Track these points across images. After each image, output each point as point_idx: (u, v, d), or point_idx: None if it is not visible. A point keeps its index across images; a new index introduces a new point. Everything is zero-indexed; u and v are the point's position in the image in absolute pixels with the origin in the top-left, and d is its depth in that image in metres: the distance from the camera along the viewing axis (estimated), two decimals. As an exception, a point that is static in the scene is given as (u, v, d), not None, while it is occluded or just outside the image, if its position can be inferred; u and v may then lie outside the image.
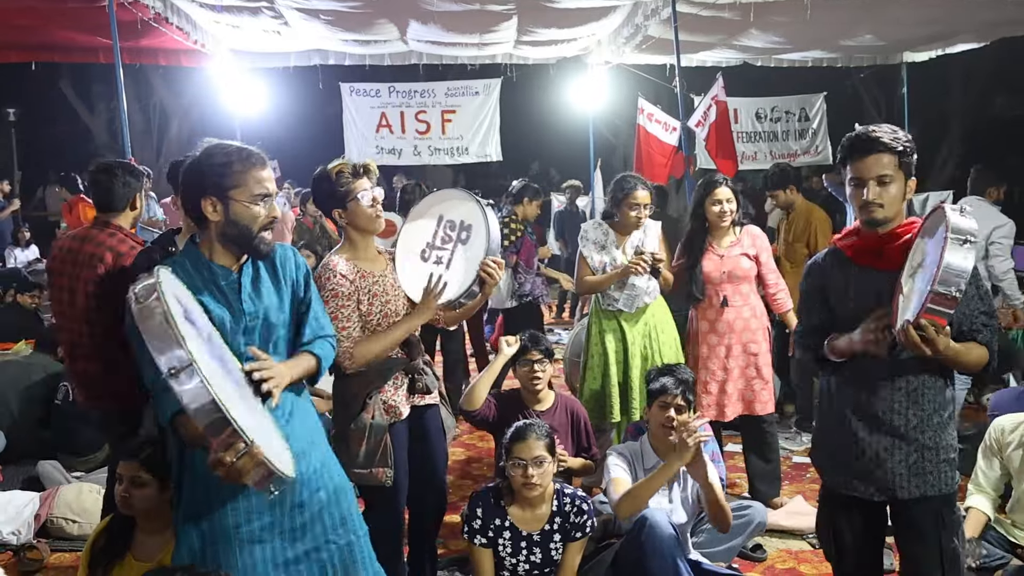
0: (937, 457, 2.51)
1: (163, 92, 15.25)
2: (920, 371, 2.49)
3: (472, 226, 3.11)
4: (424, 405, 3.20)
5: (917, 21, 7.77)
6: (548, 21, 7.59)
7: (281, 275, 2.42)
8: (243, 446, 1.87)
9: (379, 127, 9.91)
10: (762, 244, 4.42)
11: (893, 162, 2.44)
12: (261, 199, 2.26)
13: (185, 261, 2.31)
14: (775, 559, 3.96)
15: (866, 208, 2.46)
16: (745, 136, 10.92)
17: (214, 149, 2.28)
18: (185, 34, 7.15)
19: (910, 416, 2.50)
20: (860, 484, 2.57)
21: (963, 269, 2.12)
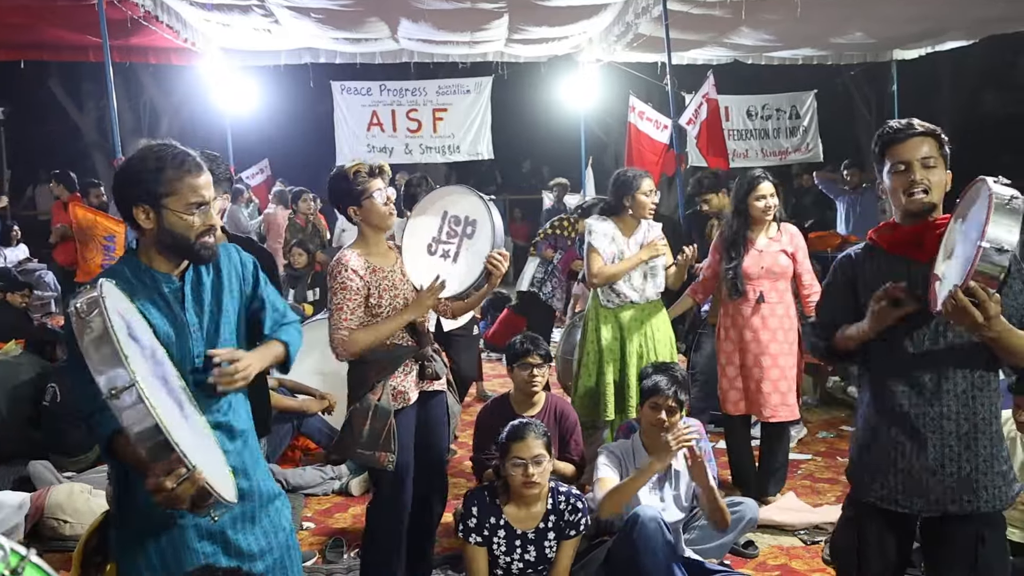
0: (992, 470, 2.31)
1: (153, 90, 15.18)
2: (970, 373, 2.32)
3: (477, 221, 3.26)
4: (432, 391, 3.34)
5: (907, 18, 7.80)
6: (539, 19, 7.59)
7: (225, 278, 2.33)
8: (184, 471, 1.80)
9: (370, 125, 9.91)
10: (799, 242, 4.44)
11: (934, 147, 2.35)
12: (196, 207, 2.15)
13: (124, 269, 2.21)
14: (767, 555, 3.97)
15: (911, 189, 2.32)
16: (736, 134, 10.94)
17: (147, 153, 2.17)
18: (175, 32, 7.13)
19: (961, 422, 2.31)
20: (905, 499, 2.37)
21: (1011, 227, 2.00)
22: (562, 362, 6.61)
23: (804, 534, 4.11)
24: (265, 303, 2.44)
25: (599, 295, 4.47)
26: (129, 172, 2.17)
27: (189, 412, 2.06)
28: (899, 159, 2.36)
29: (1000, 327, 2.11)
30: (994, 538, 2.36)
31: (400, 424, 3.15)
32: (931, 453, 2.32)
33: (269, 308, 2.44)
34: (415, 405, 3.25)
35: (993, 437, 2.33)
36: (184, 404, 2.05)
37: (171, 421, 1.81)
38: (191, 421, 2.05)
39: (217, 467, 2.05)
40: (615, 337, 4.42)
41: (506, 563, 3.29)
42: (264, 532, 2.34)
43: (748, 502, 3.86)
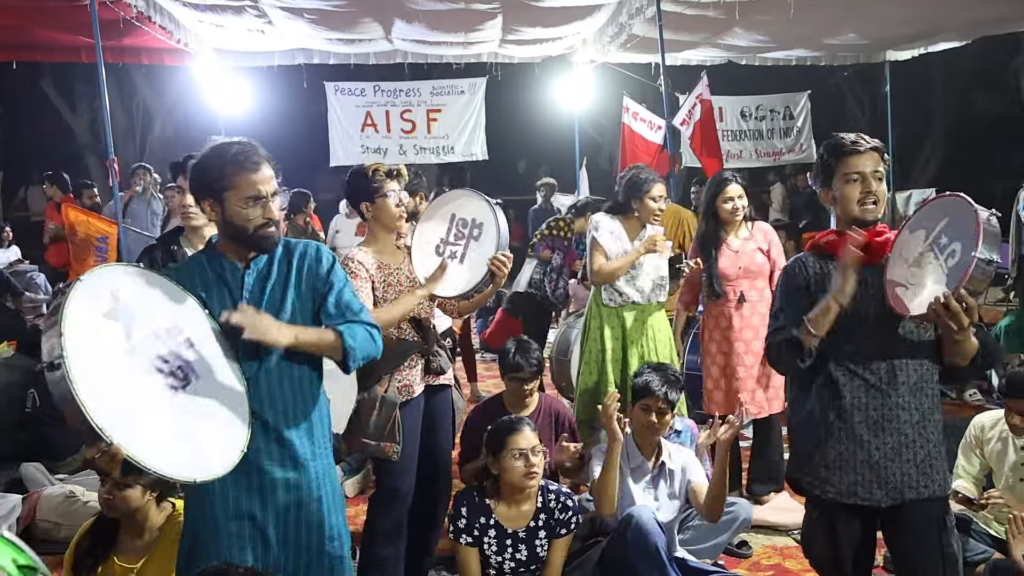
0: (940, 455, 2.50)
1: (146, 91, 15.15)
2: (919, 365, 2.49)
3: (484, 224, 3.37)
4: (437, 385, 3.43)
5: (900, 20, 7.83)
6: (533, 20, 7.59)
7: (295, 274, 2.42)
8: (103, 444, 1.93)
9: (364, 126, 9.90)
10: (772, 238, 4.45)
11: (880, 162, 2.54)
12: (254, 201, 2.29)
13: (202, 257, 2.42)
14: (760, 555, 3.98)
15: (865, 202, 2.51)
16: (730, 134, 10.96)
17: (213, 150, 2.35)
18: (168, 33, 7.11)
19: (913, 411, 2.48)
20: (865, 490, 2.49)
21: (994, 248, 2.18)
22: (556, 363, 6.61)
23: (797, 534, 4.11)
24: (335, 300, 2.43)
25: (601, 294, 4.46)
26: (197, 169, 2.36)
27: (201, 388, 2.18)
28: (854, 170, 2.53)
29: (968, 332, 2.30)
30: (949, 520, 2.52)
31: (405, 416, 3.24)
32: (889, 442, 2.47)
33: (334, 301, 2.42)
34: (421, 399, 3.34)
35: (937, 425, 2.51)
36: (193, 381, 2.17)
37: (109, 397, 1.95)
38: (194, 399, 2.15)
39: (199, 444, 2.14)
40: (616, 337, 4.41)
41: (498, 563, 3.29)
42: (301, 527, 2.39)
43: (741, 502, 3.87)
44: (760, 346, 4.34)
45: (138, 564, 2.87)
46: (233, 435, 2.23)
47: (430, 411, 3.43)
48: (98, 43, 5.81)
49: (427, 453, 3.41)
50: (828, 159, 2.59)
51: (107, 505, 2.92)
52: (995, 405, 4.61)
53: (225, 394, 2.23)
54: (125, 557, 2.91)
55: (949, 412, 5.96)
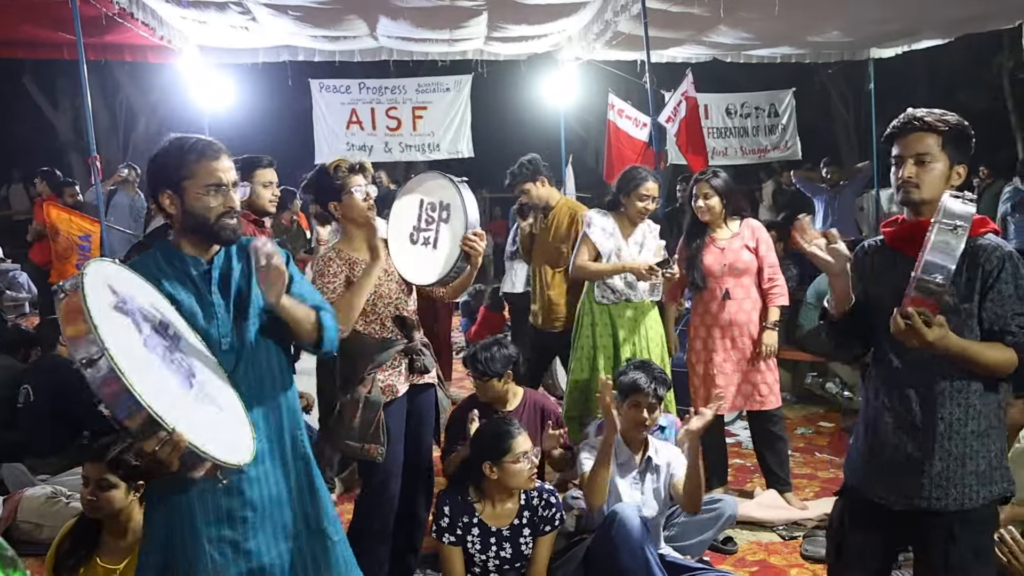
0: (963, 468, 2.32)
1: (129, 89, 15.04)
2: (946, 374, 2.32)
3: (451, 204, 3.28)
4: (421, 384, 3.39)
5: (883, 18, 7.86)
6: (518, 17, 7.57)
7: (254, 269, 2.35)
8: (165, 434, 1.86)
9: (349, 123, 9.85)
10: (761, 235, 4.44)
11: (936, 142, 2.34)
12: (214, 188, 2.26)
13: (157, 254, 2.34)
14: (746, 551, 3.99)
15: (902, 187, 2.36)
16: (715, 132, 10.98)
17: (171, 142, 2.31)
18: (151, 30, 7.04)
19: (938, 420, 2.33)
20: (883, 490, 2.43)
21: (948, 256, 2.04)
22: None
23: (783, 530, 4.14)
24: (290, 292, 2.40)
25: (594, 291, 4.47)
26: (154, 162, 2.32)
27: (203, 381, 2.13)
28: (896, 153, 2.39)
29: (946, 345, 2.15)
30: (968, 538, 2.35)
31: (389, 416, 3.21)
32: (908, 449, 2.37)
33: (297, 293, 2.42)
34: (404, 399, 3.30)
35: (967, 437, 2.33)
36: (197, 374, 2.12)
37: (149, 385, 1.87)
38: (203, 390, 2.11)
39: (226, 431, 2.10)
40: (609, 334, 4.42)
41: (482, 561, 3.29)
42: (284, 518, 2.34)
43: (727, 499, 3.88)
44: (746, 344, 4.35)
45: (121, 565, 2.85)
46: (242, 424, 2.20)
47: (414, 411, 3.40)
48: (80, 40, 5.75)
49: (411, 453, 3.39)
50: (884, 142, 2.47)
51: (90, 506, 2.91)
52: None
53: (222, 386, 2.21)
54: (108, 558, 2.89)
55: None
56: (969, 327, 2.29)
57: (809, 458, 5.26)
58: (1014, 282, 2.28)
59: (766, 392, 4.38)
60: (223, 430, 2.10)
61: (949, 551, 2.34)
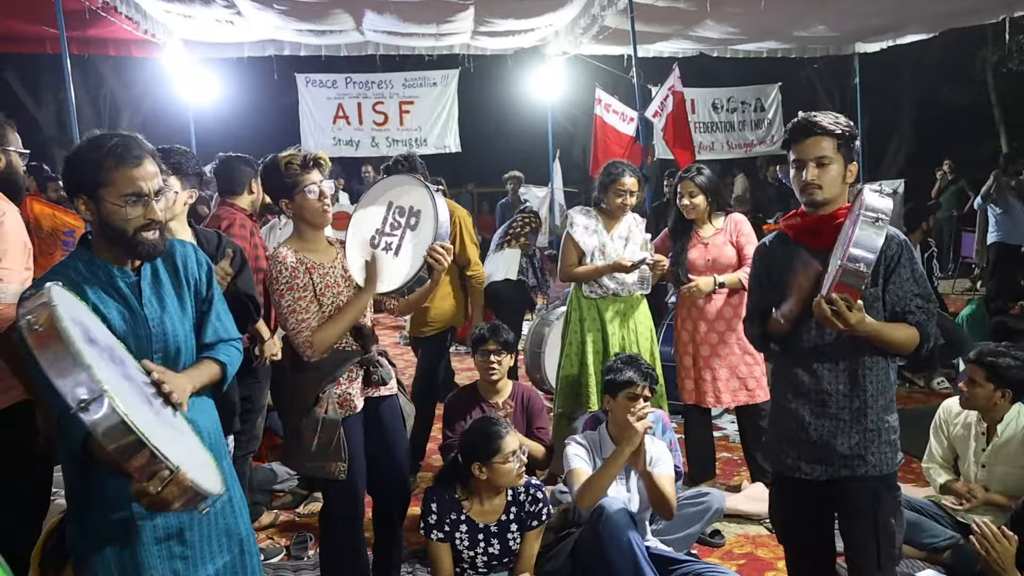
0: (879, 439, 2.56)
1: (113, 83, 14.96)
2: (861, 353, 2.53)
3: (421, 212, 3.05)
4: (380, 396, 3.14)
5: (868, 12, 7.90)
6: (505, 12, 7.58)
7: (183, 275, 2.27)
8: (167, 473, 1.77)
9: (336, 118, 9.84)
10: (743, 229, 4.43)
11: (832, 145, 2.51)
12: (133, 198, 2.07)
13: (78, 263, 2.13)
14: (733, 544, 4.01)
15: (805, 189, 2.53)
16: (702, 126, 11.02)
17: (89, 142, 2.11)
18: (135, 24, 7.00)
19: (853, 399, 2.55)
20: (807, 466, 2.62)
21: (871, 246, 2.20)
22: (530, 355, 6.64)
23: (769, 523, 4.16)
24: (211, 309, 2.35)
25: (582, 286, 4.47)
26: (72, 162, 2.12)
27: (158, 407, 2.02)
28: (796, 157, 2.56)
29: (865, 329, 2.36)
30: (889, 498, 2.60)
31: (348, 432, 2.99)
32: (826, 425, 2.58)
33: (213, 317, 2.35)
34: (362, 413, 3.06)
35: (880, 411, 2.57)
36: (152, 400, 2.00)
37: (144, 423, 1.77)
38: (162, 416, 2.00)
39: (197, 458, 2.00)
40: (597, 328, 4.42)
41: (470, 557, 3.29)
42: (219, 534, 2.29)
43: (714, 492, 3.89)
44: (733, 337, 4.38)
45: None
46: (202, 448, 2.12)
47: (379, 423, 3.15)
48: (63, 34, 5.71)
49: (380, 469, 3.18)
50: (784, 146, 2.66)
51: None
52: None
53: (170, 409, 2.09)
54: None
55: (918, 401, 6.07)
56: (876, 309, 2.50)
57: (795, 451, 5.28)
58: (910, 266, 2.51)
59: (754, 386, 4.40)
60: (195, 457, 2.00)
61: (877, 513, 2.57)
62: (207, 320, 2.33)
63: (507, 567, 3.34)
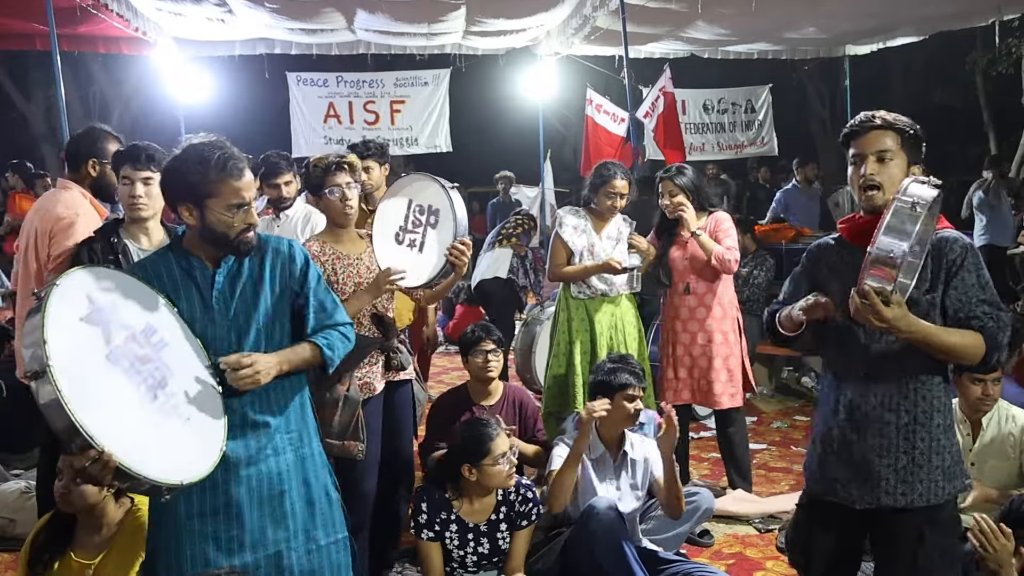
0: (930, 463, 2.31)
1: (103, 81, 14.88)
2: (915, 365, 2.31)
3: (440, 211, 3.25)
4: (398, 381, 3.39)
5: (859, 15, 7.93)
6: (497, 11, 7.58)
7: (267, 272, 2.38)
8: (95, 452, 1.89)
9: (327, 117, 9.81)
10: (722, 227, 4.39)
11: (896, 140, 2.34)
12: (237, 208, 2.25)
13: (170, 254, 2.34)
14: (722, 544, 4.02)
15: (864, 186, 2.33)
16: (693, 127, 11.03)
17: (193, 154, 2.25)
18: (125, 21, 6.96)
19: (902, 414, 2.32)
20: (844, 490, 2.39)
21: (903, 232, 2.03)
22: (520, 355, 6.64)
23: (758, 522, 4.17)
24: (310, 301, 2.44)
25: (571, 286, 4.46)
26: (175, 172, 2.27)
27: (174, 392, 2.13)
28: (855, 152, 2.37)
29: (907, 327, 2.14)
30: (936, 538, 2.34)
31: (367, 414, 3.21)
32: (870, 443, 2.34)
33: (313, 307, 2.44)
34: (381, 395, 3.31)
35: (933, 431, 2.32)
36: (169, 385, 2.12)
37: (95, 403, 1.91)
38: (170, 402, 2.11)
39: (179, 449, 2.10)
40: (585, 329, 4.41)
41: (460, 556, 3.29)
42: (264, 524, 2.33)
43: (703, 492, 3.90)
44: (705, 338, 4.38)
45: (96, 560, 2.82)
46: (212, 433, 2.21)
47: (391, 407, 3.40)
48: (53, 31, 5.68)
49: (389, 450, 3.39)
50: (841, 142, 2.45)
51: (63, 500, 2.87)
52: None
53: (201, 393, 2.20)
54: (83, 553, 2.86)
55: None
56: (931, 318, 2.27)
57: (785, 451, 5.30)
58: (976, 271, 2.29)
59: (719, 391, 4.36)
60: (176, 446, 2.11)
61: (918, 552, 2.32)
62: (306, 311, 2.44)
63: (497, 567, 3.34)
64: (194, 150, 2.26)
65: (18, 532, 3.97)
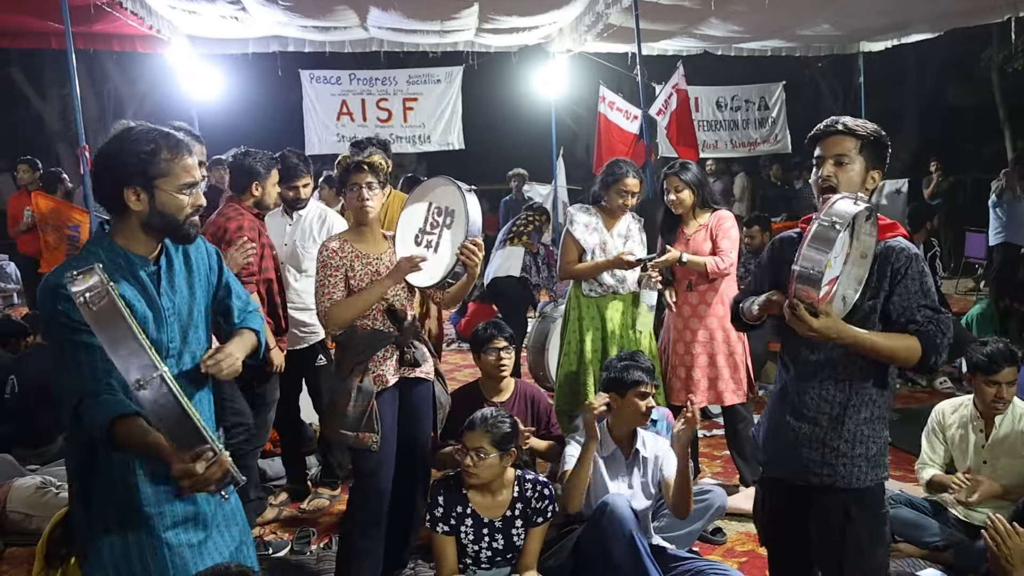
0: (852, 451, 2.51)
1: (117, 78, 14.95)
2: (851, 364, 2.49)
3: (455, 211, 3.29)
4: (415, 379, 3.41)
5: (873, 11, 7.88)
6: (509, 8, 7.56)
7: (194, 264, 2.33)
8: (212, 455, 1.84)
9: (340, 115, 9.82)
10: (723, 225, 4.40)
11: (854, 146, 2.47)
12: (188, 188, 2.16)
13: (99, 251, 2.15)
14: (734, 541, 4.02)
15: (821, 187, 2.49)
16: (706, 124, 10.99)
17: (137, 135, 2.14)
18: (140, 19, 6.99)
19: (835, 406, 2.52)
20: (780, 467, 2.64)
21: (823, 250, 2.16)
22: (533, 353, 6.65)
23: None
24: (231, 291, 2.47)
25: (582, 284, 4.46)
26: (119, 154, 2.13)
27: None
28: (818, 154, 2.53)
29: (837, 335, 2.30)
30: (863, 517, 2.52)
31: (381, 405, 3.25)
32: (804, 428, 2.55)
33: (235, 297, 2.48)
34: (395, 389, 3.34)
35: (859, 423, 2.51)
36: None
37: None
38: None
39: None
40: (596, 327, 4.41)
41: (474, 551, 3.30)
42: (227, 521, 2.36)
43: (716, 491, 3.90)
44: (706, 336, 4.39)
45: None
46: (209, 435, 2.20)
47: (408, 404, 3.42)
48: (68, 29, 5.71)
49: (406, 446, 3.41)
50: (807, 143, 2.62)
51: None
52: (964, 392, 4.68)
53: None
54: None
55: (920, 400, 6.06)
56: (872, 321, 2.44)
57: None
58: (919, 279, 2.44)
59: (722, 388, 4.40)
60: None
61: (846, 529, 2.51)
62: (229, 302, 2.45)
63: (510, 563, 3.35)
64: (138, 132, 2.15)
65: (34, 527, 4.01)
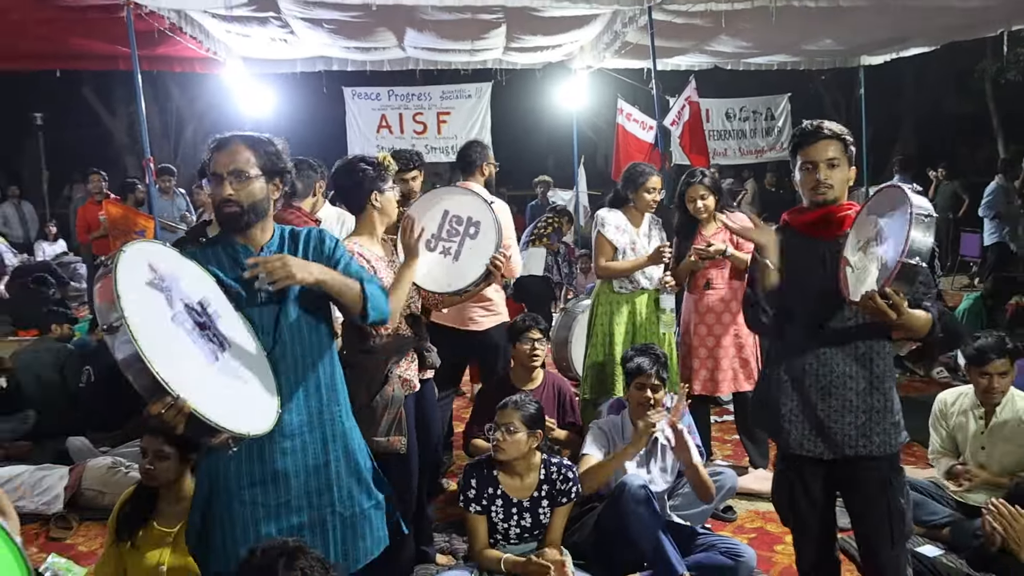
0: (885, 420, 2.51)
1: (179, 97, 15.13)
2: (869, 337, 2.51)
3: (481, 223, 3.19)
4: (424, 379, 3.31)
5: (874, 27, 7.77)
6: (535, 29, 7.55)
7: (300, 254, 2.35)
8: (170, 399, 1.87)
9: (379, 128, 9.88)
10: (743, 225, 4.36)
11: (840, 149, 2.51)
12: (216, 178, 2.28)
13: (217, 244, 2.35)
14: (744, 519, 3.99)
15: (817, 188, 2.51)
16: (716, 134, 10.93)
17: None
18: (198, 43, 7.08)
19: (860, 380, 2.51)
20: (811, 443, 2.57)
21: (925, 243, 2.17)
22: (556, 345, 6.64)
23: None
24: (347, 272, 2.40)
25: (612, 282, 4.41)
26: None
27: (232, 357, 2.13)
28: (806, 159, 2.53)
29: (906, 317, 2.30)
30: (898, 480, 2.56)
31: (406, 409, 3.12)
32: (834, 405, 2.53)
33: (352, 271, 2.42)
34: (415, 393, 3.22)
35: (887, 393, 2.53)
36: (227, 350, 2.13)
37: (167, 356, 1.90)
38: (229, 365, 2.11)
39: (243, 405, 2.10)
40: (625, 321, 4.36)
41: (504, 528, 3.30)
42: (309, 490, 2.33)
43: (728, 472, 3.87)
44: (721, 330, 4.36)
45: (175, 528, 2.89)
46: (267, 398, 2.20)
47: (422, 403, 3.34)
48: (134, 52, 5.79)
49: (420, 442, 3.30)
50: (790, 149, 2.64)
51: (147, 475, 2.94)
52: (961, 382, 4.61)
53: (253, 362, 2.20)
54: (163, 522, 2.92)
55: (918, 389, 5.98)
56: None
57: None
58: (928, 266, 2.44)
59: (733, 377, 4.38)
60: (240, 403, 2.10)
61: (890, 497, 2.51)
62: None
63: (537, 539, 3.34)
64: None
65: (106, 503, 4.07)
